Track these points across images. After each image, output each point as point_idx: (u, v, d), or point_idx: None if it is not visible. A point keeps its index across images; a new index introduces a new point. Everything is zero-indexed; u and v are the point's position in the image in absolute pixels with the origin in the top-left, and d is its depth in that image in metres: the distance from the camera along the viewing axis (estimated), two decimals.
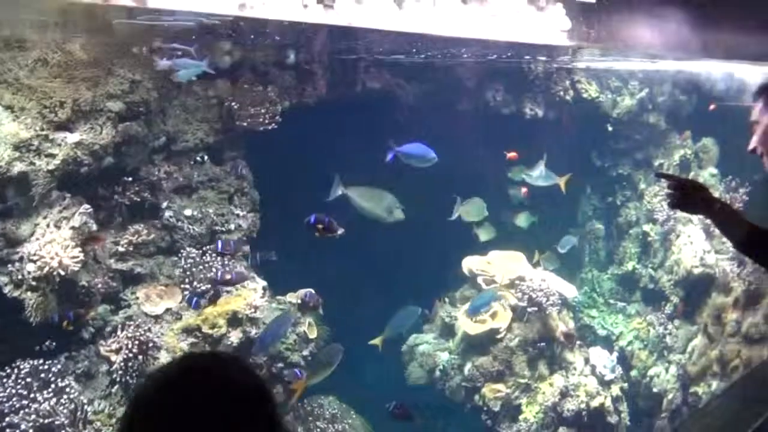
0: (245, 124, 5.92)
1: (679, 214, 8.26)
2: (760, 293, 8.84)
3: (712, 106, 8.33)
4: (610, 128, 7.97)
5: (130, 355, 4.87)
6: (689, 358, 8.18)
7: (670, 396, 8.04)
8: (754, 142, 3.05)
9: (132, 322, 5.08)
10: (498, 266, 6.62)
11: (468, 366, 6.34)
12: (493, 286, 6.44)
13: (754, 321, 8.78)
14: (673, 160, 8.37)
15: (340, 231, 5.45)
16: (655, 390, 8.00)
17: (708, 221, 8.29)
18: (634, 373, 7.99)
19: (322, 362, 5.79)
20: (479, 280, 6.55)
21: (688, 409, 8.13)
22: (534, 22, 5.26)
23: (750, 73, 8.45)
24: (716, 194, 8.46)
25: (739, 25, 6.30)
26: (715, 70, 8.26)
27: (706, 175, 8.58)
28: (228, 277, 5.49)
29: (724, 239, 8.33)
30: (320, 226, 5.35)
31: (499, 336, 6.27)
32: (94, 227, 5.14)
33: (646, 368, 8.06)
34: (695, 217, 8.44)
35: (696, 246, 8.16)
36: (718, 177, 8.59)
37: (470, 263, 6.67)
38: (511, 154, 6.75)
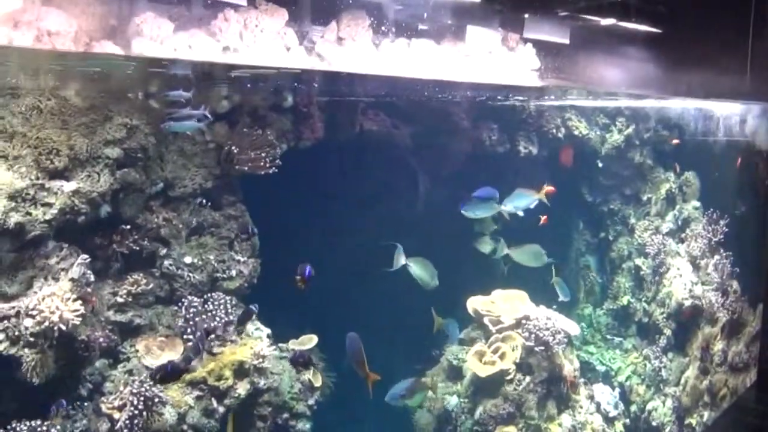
0: (245, 168, 5.69)
1: (668, 246, 8.25)
2: (741, 322, 8.85)
3: (675, 141, 8.40)
4: (600, 164, 7.94)
5: (135, 412, 4.51)
6: (683, 390, 8.08)
7: (667, 429, 7.90)
8: None
9: (135, 377, 4.74)
10: (502, 305, 6.43)
11: (479, 409, 6.08)
12: (499, 326, 6.23)
13: (737, 350, 8.77)
14: (660, 194, 8.36)
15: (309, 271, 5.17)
16: (654, 424, 7.84)
17: (694, 254, 8.34)
18: (633, 408, 7.83)
19: (351, 354, 5.37)
20: (485, 320, 6.34)
21: None
22: (505, 62, 5.24)
23: (721, 110, 8.60)
24: (699, 226, 8.52)
25: (704, 65, 6.41)
26: (691, 106, 8.37)
27: (690, 208, 8.59)
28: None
29: (709, 270, 8.39)
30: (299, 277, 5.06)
31: (508, 377, 6.04)
32: (92, 278, 4.84)
33: (645, 402, 7.91)
34: (682, 250, 8.43)
35: (685, 278, 8.13)
36: (701, 209, 8.60)
37: (475, 303, 6.46)
38: (549, 188, 6.63)
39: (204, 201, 5.66)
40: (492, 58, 5.20)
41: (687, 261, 8.32)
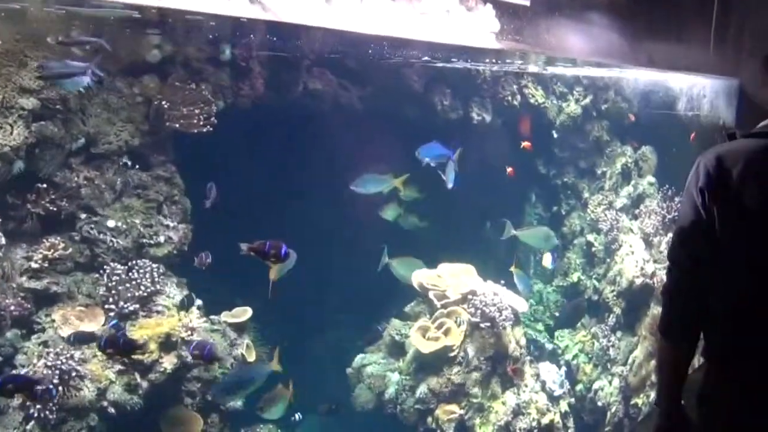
0: (177, 125, 5.56)
1: (621, 223, 8.46)
2: None
3: (631, 116, 8.59)
4: (555, 135, 8.05)
5: (50, 386, 4.41)
6: (630, 370, 8.35)
7: (613, 409, 8.17)
8: None
9: (51, 349, 4.62)
10: (449, 280, 6.50)
11: (421, 387, 6.18)
12: (444, 301, 6.32)
13: None
14: (615, 169, 8.55)
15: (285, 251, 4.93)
16: (599, 404, 8.10)
17: (647, 231, 8.55)
18: (579, 387, 8.07)
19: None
20: (430, 294, 6.41)
21: (629, 421, 8.29)
22: (463, 22, 5.24)
23: (683, 83, 8.78)
24: (654, 203, 8.77)
25: (668, 36, 6.53)
26: (651, 78, 8.53)
27: (645, 184, 8.81)
28: None
29: (662, 248, 8.63)
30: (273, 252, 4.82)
31: (452, 354, 6.14)
32: (3, 240, 4.69)
33: (591, 382, 8.16)
34: (636, 226, 8.66)
35: (637, 256, 8.35)
36: (656, 186, 8.83)
37: (420, 277, 6.52)
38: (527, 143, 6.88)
39: (129, 163, 5.51)
40: (449, 18, 5.18)
41: (640, 238, 8.55)
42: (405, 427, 6.25)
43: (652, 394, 8.51)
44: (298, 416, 6.09)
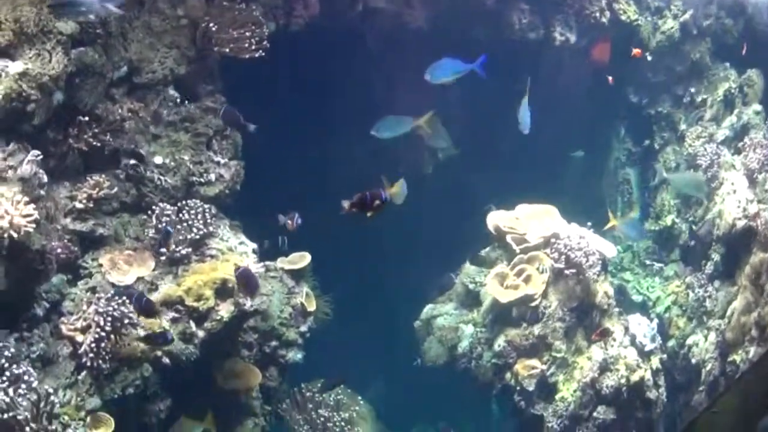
0: (226, 50, 5.52)
1: (722, 158, 8.17)
2: None
3: (744, 48, 8.21)
4: (649, 57, 7.75)
5: (102, 334, 4.51)
6: (728, 323, 8.18)
7: (708, 367, 8.04)
8: None
9: (102, 295, 4.72)
10: (528, 222, 6.39)
11: (499, 340, 6.16)
12: (524, 245, 6.22)
13: None
14: (717, 95, 8.21)
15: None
16: (693, 361, 7.98)
17: (752, 166, 8.24)
18: (671, 342, 7.95)
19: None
20: (508, 238, 6.31)
21: (725, 380, 8.17)
22: None
23: None
24: (760, 134, 8.43)
25: None
26: None
27: (750, 113, 8.45)
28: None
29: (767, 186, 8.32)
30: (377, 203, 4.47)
31: (533, 304, 6.08)
32: (45, 179, 4.75)
33: (684, 337, 8.02)
34: (738, 162, 8.35)
35: (739, 195, 8.08)
36: (763, 115, 8.47)
37: (496, 219, 6.42)
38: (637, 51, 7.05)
39: (176, 95, 5.51)
40: None
41: (743, 175, 8.26)
42: (481, 383, 6.27)
43: (752, 350, 8.35)
44: (419, 361, 6.32)
